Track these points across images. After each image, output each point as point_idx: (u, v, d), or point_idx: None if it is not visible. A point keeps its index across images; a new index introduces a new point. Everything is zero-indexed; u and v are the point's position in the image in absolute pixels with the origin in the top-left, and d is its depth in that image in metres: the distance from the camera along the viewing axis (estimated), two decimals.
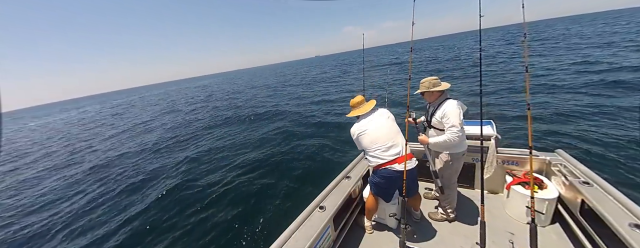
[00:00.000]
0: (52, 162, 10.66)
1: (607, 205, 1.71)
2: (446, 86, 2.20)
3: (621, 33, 22.23)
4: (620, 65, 10.47)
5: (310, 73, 40.56)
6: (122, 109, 31.44)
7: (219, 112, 15.54)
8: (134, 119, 19.76)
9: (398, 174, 2.02)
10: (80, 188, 7.00)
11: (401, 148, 2.06)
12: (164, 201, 5.28)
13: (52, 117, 43.48)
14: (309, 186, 4.99)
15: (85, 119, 28.31)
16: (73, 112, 47.96)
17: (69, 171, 8.82)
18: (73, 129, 20.68)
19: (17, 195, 7.35)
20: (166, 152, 9.07)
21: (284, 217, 4.03)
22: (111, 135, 14.24)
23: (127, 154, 9.55)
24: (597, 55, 13.40)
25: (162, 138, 11.16)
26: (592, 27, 36.18)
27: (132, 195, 5.92)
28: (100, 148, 11.43)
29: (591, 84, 8.79)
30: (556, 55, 15.74)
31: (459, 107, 2.08)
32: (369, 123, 2.16)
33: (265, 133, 9.20)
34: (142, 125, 15.63)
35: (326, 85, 20.93)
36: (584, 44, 19.16)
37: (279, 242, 1.74)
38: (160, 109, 23.84)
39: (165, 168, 7.24)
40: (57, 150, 12.92)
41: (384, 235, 2.45)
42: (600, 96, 7.56)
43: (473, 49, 32.85)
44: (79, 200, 6.20)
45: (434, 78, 2.22)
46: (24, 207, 6.37)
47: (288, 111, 12.44)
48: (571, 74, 10.69)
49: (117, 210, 5.30)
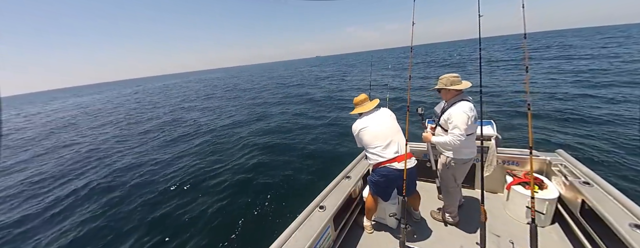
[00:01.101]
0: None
1: (608, 205, 1.71)
2: (465, 86, 2.05)
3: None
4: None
5: (320, 72, 40.17)
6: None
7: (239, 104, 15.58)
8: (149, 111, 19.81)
9: (398, 173, 2.02)
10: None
11: (401, 147, 2.07)
12: (162, 196, 5.29)
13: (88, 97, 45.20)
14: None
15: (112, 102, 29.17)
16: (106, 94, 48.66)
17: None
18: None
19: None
20: (171, 145, 9.08)
21: (284, 217, 4.04)
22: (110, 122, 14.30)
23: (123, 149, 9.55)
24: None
25: (155, 129, 11.16)
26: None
27: (108, 193, 5.92)
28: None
29: (591, 84, 8.79)
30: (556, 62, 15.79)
31: (469, 111, 1.96)
32: (370, 120, 2.19)
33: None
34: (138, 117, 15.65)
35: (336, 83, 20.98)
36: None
37: (279, 242, 1.74)
38: (178, 101, 23.81)
39: (170, 165, 7.25)
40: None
41: (384, 235, 2.45)
42: (601, 96, 7.56)
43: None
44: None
45: (454, 75, 2.08)
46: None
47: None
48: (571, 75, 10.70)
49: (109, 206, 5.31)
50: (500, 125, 3.79)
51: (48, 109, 34.38)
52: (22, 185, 7.14)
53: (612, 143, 4.91)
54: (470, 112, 1.96)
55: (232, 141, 9.01)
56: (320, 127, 9.26)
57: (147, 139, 10.68)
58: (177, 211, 4.78)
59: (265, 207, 4.48)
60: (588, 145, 4.95)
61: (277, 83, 29.28)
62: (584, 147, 4.90)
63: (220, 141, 9.24)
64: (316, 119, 10.66)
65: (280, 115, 12.15)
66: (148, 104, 23.90)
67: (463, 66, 23.37)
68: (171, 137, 10.59)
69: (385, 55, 78.91)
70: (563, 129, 5.84)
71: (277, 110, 13.46)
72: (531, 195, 1.65)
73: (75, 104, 36.83)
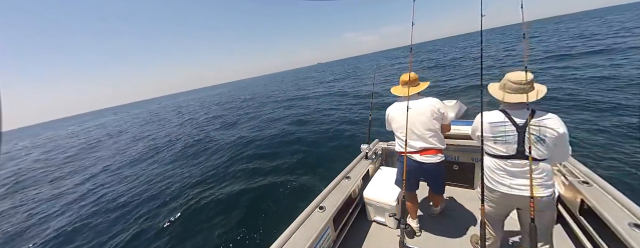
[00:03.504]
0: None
1: (607, 204, 1.71)
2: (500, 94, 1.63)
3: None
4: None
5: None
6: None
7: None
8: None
9: (416, 164, 2.02)
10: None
11: (427, 140, 1.99)
12: (158, 198, 5.27)
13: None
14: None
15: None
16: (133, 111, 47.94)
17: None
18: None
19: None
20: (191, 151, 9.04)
21: (284, 217, 4.03)
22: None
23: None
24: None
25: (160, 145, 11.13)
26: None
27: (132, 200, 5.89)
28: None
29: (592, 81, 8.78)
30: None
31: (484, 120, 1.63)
32: (402, 108, 2.01)
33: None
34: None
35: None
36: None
37: (279, 242, 1.73)
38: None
39: (171, 166, 7.22)
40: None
41: (384, 235, 2.45)
42: (601, 92, 7.55)
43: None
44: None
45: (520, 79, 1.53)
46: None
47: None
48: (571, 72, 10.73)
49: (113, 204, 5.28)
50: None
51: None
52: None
53: (613, 143, 4.91)
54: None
55: (232, 141, 9.00)
56: (327, 125, 9.25)
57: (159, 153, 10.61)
58: (177, 211, 4.77)
59: (265, 207, 4.47)
60: (588, 145, 4.95)
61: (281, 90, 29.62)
62: (584, 147, 4.90)
63: (221, 141, 9.22)
64: (318, 119, 10.66)
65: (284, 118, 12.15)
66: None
67: (462, 65, 23.30)
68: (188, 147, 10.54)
69: (381, 57, 79.05)
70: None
71: (282, 113, 13.48)
72: (531, 195, 1.65)
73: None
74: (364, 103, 12.42)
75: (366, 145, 2.97)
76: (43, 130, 74.06)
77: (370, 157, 3.01)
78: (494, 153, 1.61)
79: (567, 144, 1.48)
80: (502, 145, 1.55)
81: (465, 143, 2.81)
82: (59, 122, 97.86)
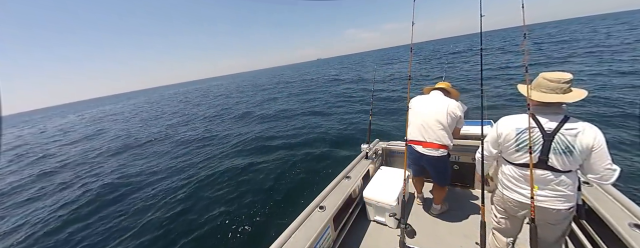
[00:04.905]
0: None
1: (607, 205, 1.71)
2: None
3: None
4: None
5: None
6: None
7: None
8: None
9: (417, 155, 2.22)
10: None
11: (432, 133, 2.13)
12: (156, 198, 5.28)
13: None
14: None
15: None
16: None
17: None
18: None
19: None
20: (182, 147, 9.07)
21: (284, 217, 4.03)
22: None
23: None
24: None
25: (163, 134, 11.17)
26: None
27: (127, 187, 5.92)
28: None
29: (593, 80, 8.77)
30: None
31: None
32: (420, 102, 2.31)
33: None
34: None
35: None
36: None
37: (279, 242, 1.73)
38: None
39: (172, 161, 7.24)
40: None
41: (384, 235, 2.45)
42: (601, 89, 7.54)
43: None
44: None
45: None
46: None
47: None
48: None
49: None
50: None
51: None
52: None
53: (613, 143, 4.90)
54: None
55: (231, 142, 9.01)
56: (325, 124, 9.26)
57: (160, 142, 10.66)
58: (177, 211, 4.78)
59: (265, 207, 4.47)
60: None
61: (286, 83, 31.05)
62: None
63: (220, 141, 9.24)
64: (319, 121, 10.67)
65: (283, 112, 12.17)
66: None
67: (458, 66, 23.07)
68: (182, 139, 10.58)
69: (382, 54, 79.02)
70: None
71: (279, 106, 13.49)
72: (531, 195, 1.65)
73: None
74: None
75: (366, 144, 2.97)
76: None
77: (371, 157, 3.00)
78: (515, 161, 1.50)
79: (603, 160, 1.26)
80: (525, 153, 1.43)
81: (465, 143, 2.80)
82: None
